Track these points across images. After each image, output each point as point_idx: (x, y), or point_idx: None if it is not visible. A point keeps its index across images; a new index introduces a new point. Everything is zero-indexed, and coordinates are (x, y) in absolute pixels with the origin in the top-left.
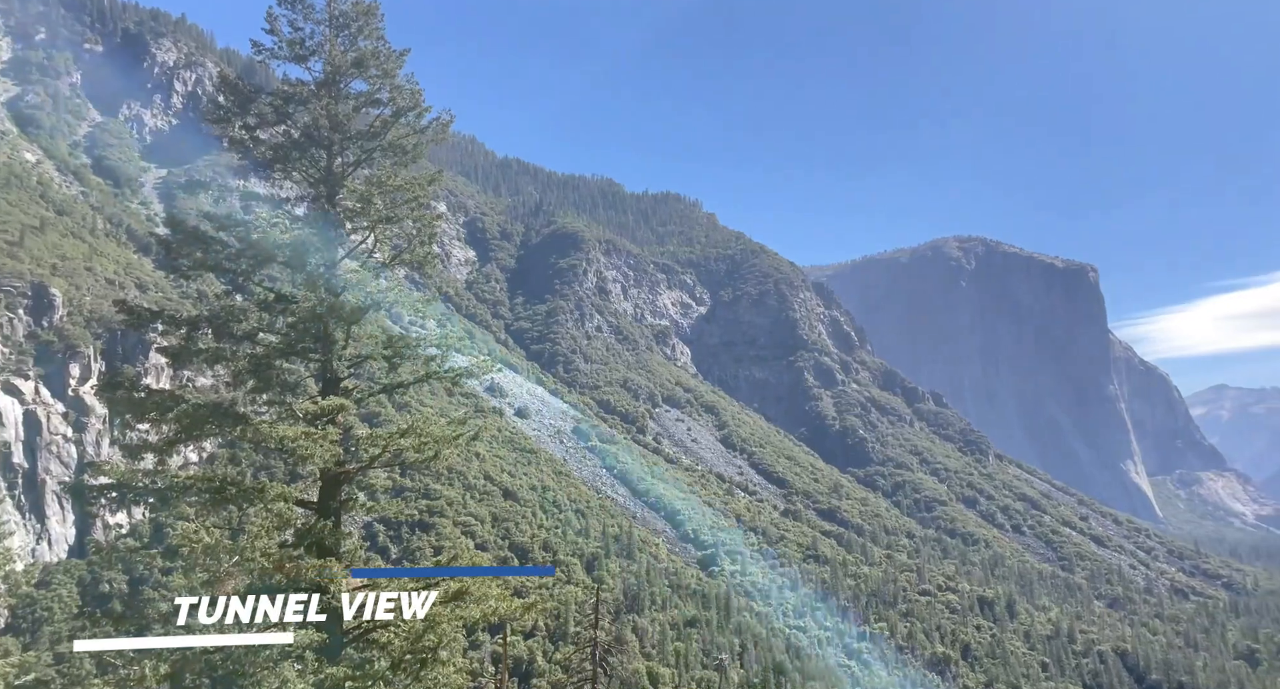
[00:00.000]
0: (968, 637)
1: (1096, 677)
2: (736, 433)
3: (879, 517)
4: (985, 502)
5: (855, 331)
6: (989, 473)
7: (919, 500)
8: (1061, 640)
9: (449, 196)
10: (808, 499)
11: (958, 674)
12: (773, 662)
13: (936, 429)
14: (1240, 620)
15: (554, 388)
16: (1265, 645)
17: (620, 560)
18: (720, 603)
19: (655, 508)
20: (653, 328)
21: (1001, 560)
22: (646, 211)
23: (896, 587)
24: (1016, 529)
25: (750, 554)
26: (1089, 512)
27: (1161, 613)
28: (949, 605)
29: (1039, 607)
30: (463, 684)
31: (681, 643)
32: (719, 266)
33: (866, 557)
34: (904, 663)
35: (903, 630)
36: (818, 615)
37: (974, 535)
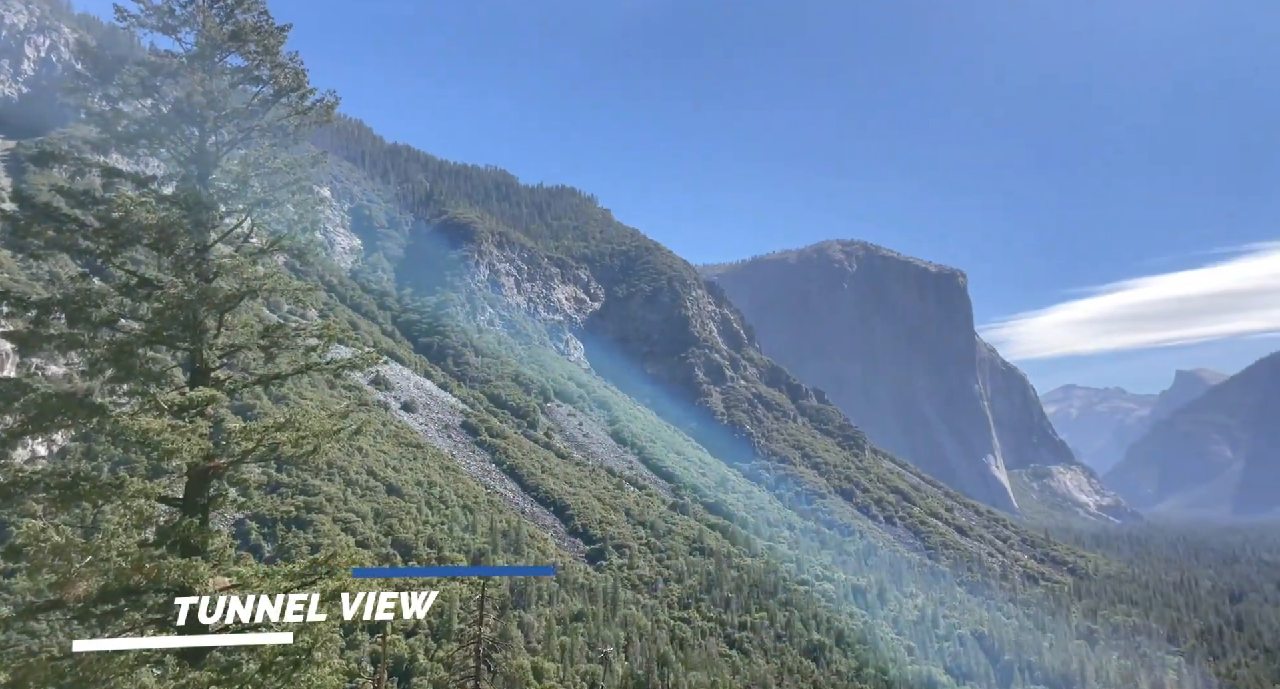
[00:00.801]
0: (842, 624)
1: (956, 658)
2: (627, 428)
3: (763, 509)
4: (861, 494)
5: (745, 330)
6: (865, 467)
7: (800, 493)
8: (927, 625)
9: (334, 182)
10: (695, 493)
11: (831, 660)
12: (657, 654)
13: (818, 425)
14: (1082, 603)
15: (443, 381)
16: (1102, 626)
17: (508, 556)
18: (607, 597)
19: (545, 503)
20: (546, 322)
21: (875, 550)
22: (541, 205)
23: (777, 577)
24: (889, 520)
25: (638, 548)
26: (954, 503)
27: (1015, 597)
28: (825, 594)
29: (907, 593)
30: (339, 685)
31: (567, 637)
32: (614, 262)
33: (749, 548)
34: (781, 651)
35: (781, 619)
36: (702, 607)
37: (850, 527)
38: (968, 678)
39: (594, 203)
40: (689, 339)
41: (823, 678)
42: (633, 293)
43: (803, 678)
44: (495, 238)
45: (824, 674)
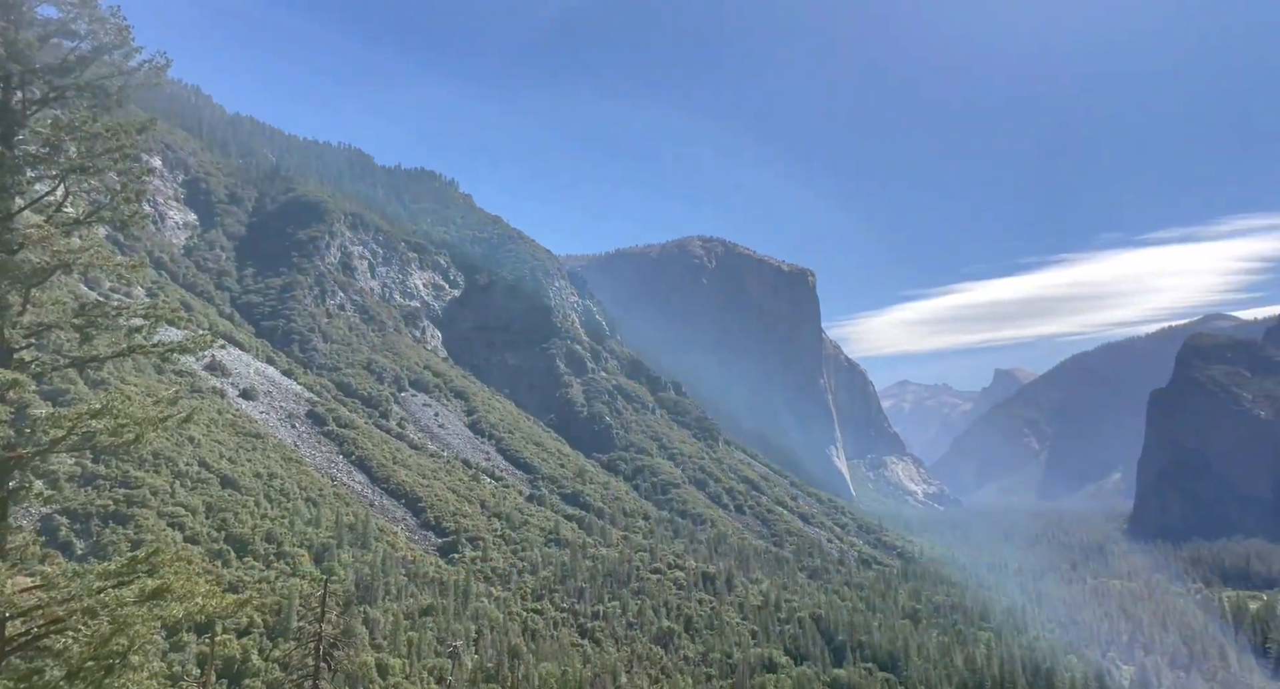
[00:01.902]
0: (691, 610)
1: (796, 640)
2: (486, 419)
3: (619, 500)
4: (714, 484)
5: (607, 321)
6: (718, 458)
7: (656, 483)
8: (770, 609)
9: (166, 151)
10: (553, 484)
11: (679, 646)
12: (508, 646)
13: (676, 416)
14: (909, 584)
15: (287, 368)
16: (924, 605)
17: (354, 550)
18: (459, 590)
19: (396, 495)
20: (402, 308)
21: (724, 538)
22: (399, 187)
23: (630, 566)
24: (739, 509)
25: (493, 540)
26: (799, 492)
27: (850, 581)
28: (676, 582)
29: (753, 579)
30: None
31: (415, 632)
32: (475, 249)
33: (605, 538)
34: (632, 639)
35: (634, 607)
36: (556, 597)
37: (702, 516)
38: (805, 658)
39: (455, 188)
40: (551, 329)
41: (671, 663)
42: (494, 281)
43: (651, 664)
44: (348, 219)
45: (672, 660)
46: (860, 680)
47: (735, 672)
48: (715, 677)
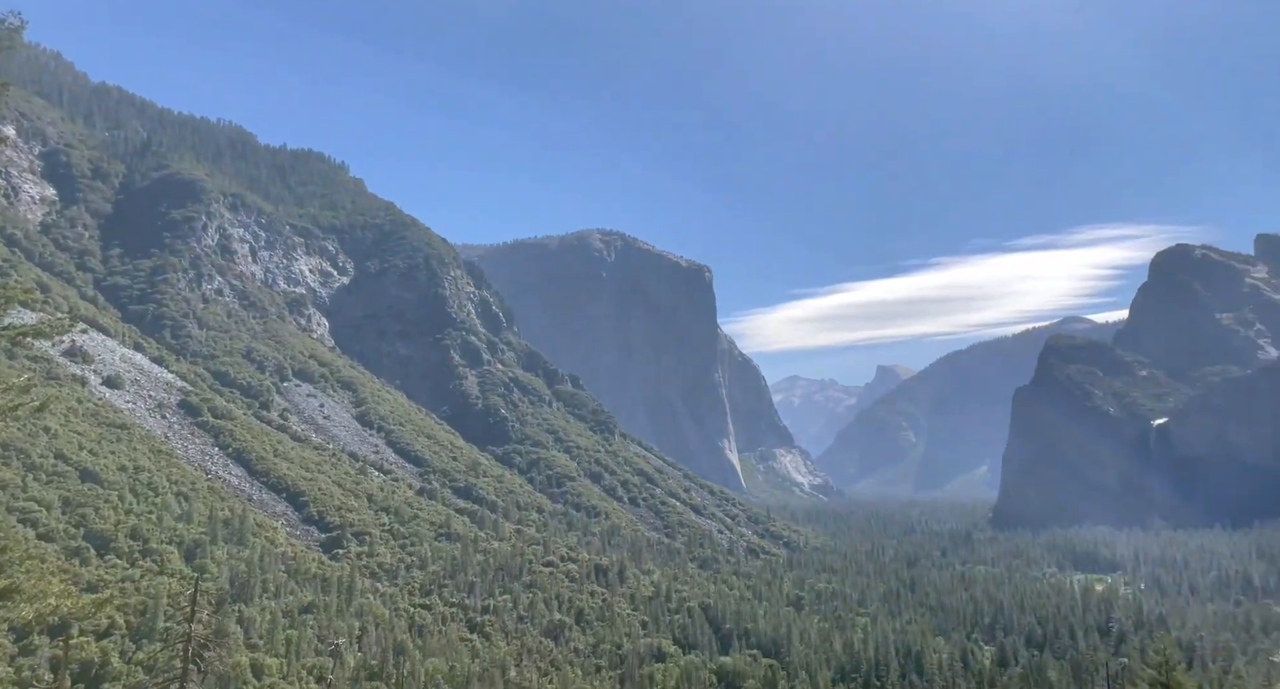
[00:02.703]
0: (583, 602)
1: (684, 629)
2: (375, 410)
3: (513, 493)
4: (609, 477)
5: (504, 313)
6: (614, 450)
7: (552, 476)
8: (661, 600)
9: (21, 119)
10: (445, 477)
11: (570, 638)
12: (394, 642)
13: (572, 409)
14: (793, 573)
15: (158, 355)
16: (808, 593)
17: (229, 547)
18: (342, 586)
19: (276, 489)
20: (286, 295)
21: (618, 530)
22: (284, 168)
23: (523, 559)
24: (633, 501)
25: (380, 535)
26: (692, 484)
27: (739, 570)
28: (569, 574)
29: (645, 571)
30: None
31: (295, 631)
32: (366, 235)
33: (498, 532)
34: (522, 632)
35: (525, 601)
36: (445, 592)
37: (597, 508)
38: (693, 647)
39: (345, 171)
40: (446, 320)
41: (561, 656)
42: (386, 269)
43: (542, 657)
44: (228, 200)
45: (562, 652)
46: (745, 667)
47: (625, 662)
48: (605, 668)
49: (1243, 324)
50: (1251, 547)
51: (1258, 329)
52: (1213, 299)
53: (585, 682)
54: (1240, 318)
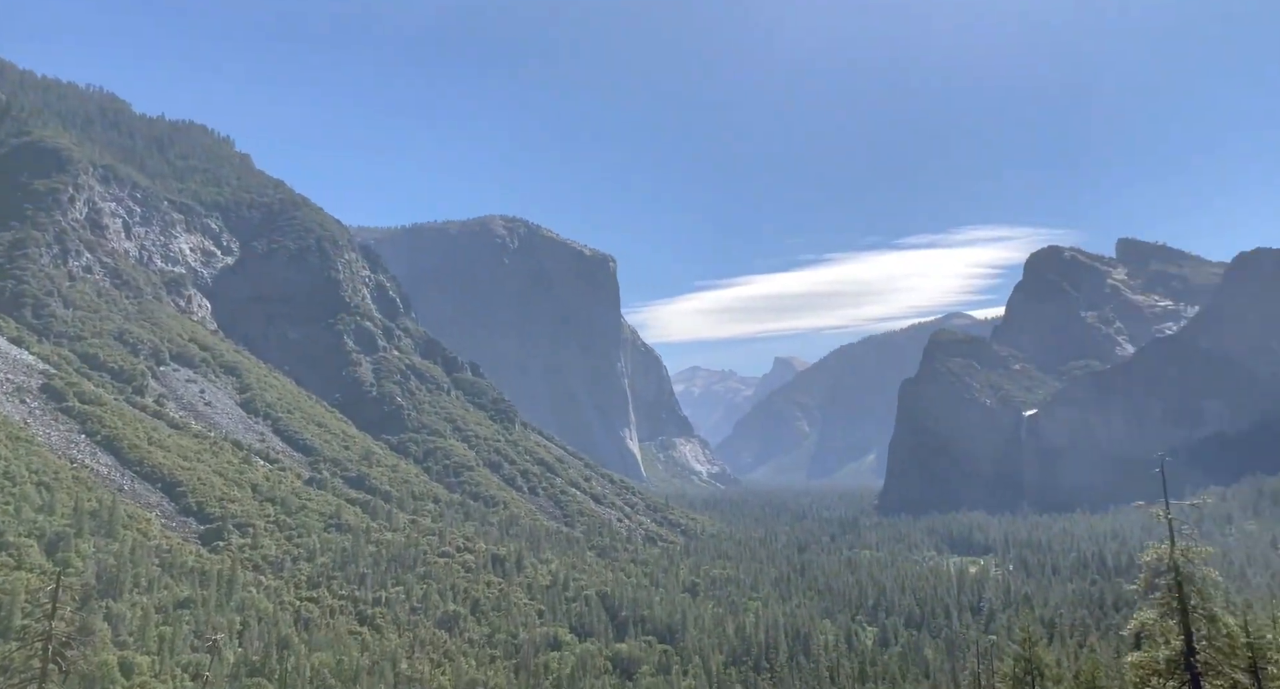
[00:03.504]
0: (479, 593)
1: (581, 617)
2: (261, 397)
3: (409, 483)
4: (509, 466)
5: (401, 298)
6: (515, 440)
7: (449, 466)
8: (558, 588)
9: None
10: (336, 467)
11: (465, 629)
12: (278, 637)
13: (472, 398)
14: (690, 560)
15: (16, 336)
16: (703, 579)
17: (97, 540)
18: (222, 580)
19: (150, 479)
20: (164, 274)
21: (517, 520)
22: (162, 140)
23: (418, 550)
24: (533, 491)
25: (264, 526)
26: (592, 473)
27: (637, 558)
28: (465, 565)
29: (543, 560)
30: None
31: (169, 627)
32: (253, 214)
33: (391, 522)
34: (415, 623)
35: (419, 592)
36: (334, 584)
37: (495, 498)
38: (589, 635)
39: (230, 145)
40: (339, 304)
41: (455, 647)
42: (275, 250)
43: (435, 648)
44: (98, 171)
45: (456, 643)
46: (640, 653)
47: (520, 651)
48: (500, 657)
49: (1104, 322)
50: (1107, 529)
51: (1117, 327)
52: (1079, 298)
53: (479, 672)
54: (1102, 316)
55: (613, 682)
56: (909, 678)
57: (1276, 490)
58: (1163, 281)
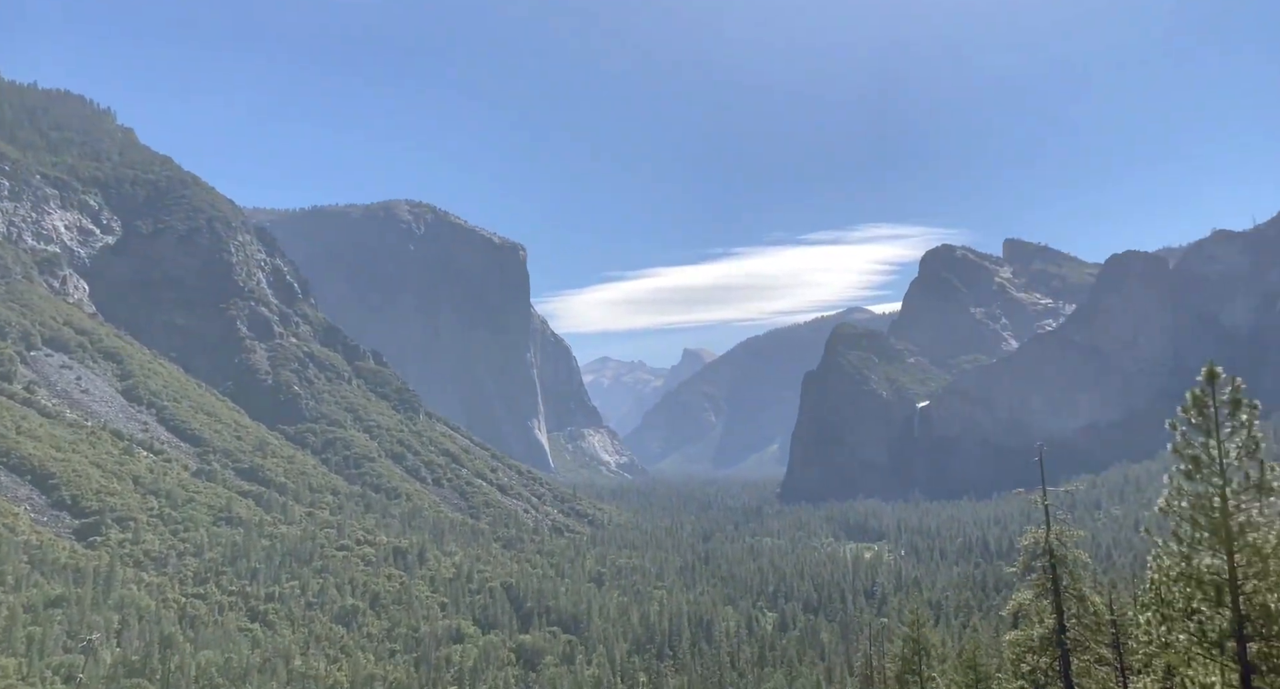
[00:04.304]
0: (379, 586)
1: (485, 609)
2: (145, 385)
3: (306, 475)
4: (412, 457)
5: (299, 283)
6: (419, 430)
7: (349, 457)
8: (462, 581)
9: None
10: (227, 458)
11: (363, 623)
12: (161, 636)
13: (374, 387)
14: (596, 549)
15: None
16: (609, 568)
17: None
18: (99, 577)
19: (18, 471)
20: (35, 253)
21: (420, 512)
22: (34, 110)
23: (315, 544)
24: (437, 482)
25: (147, 520)
26: (499, 464)
27: (543, 549)
28: (365, 558)
29: (447, 552)
30: None
31: (38, 627)
32: (136, 192)
33: (287, 516)
34: (311, 619)
35: (315, 587)
36: (224, 580)
37: (398, 490)
38: (493, 627)
39: (111, 118)
40: (231, 289)
41: (353, 641)
42: (161, 230)
43: (331, 644)
44: None
45: (354, 638)
46: (544, 644)
47: (421, 645)
48: (400, 651)
49: (991, 318)
50: (990, 515)
51: (1003, 323)
52: (969, 295)
53: (378, 667)
54: (989, 313)
55: (516, 673)
56: (806, 661)
57: (1140, 477)
58: (1044, 281)
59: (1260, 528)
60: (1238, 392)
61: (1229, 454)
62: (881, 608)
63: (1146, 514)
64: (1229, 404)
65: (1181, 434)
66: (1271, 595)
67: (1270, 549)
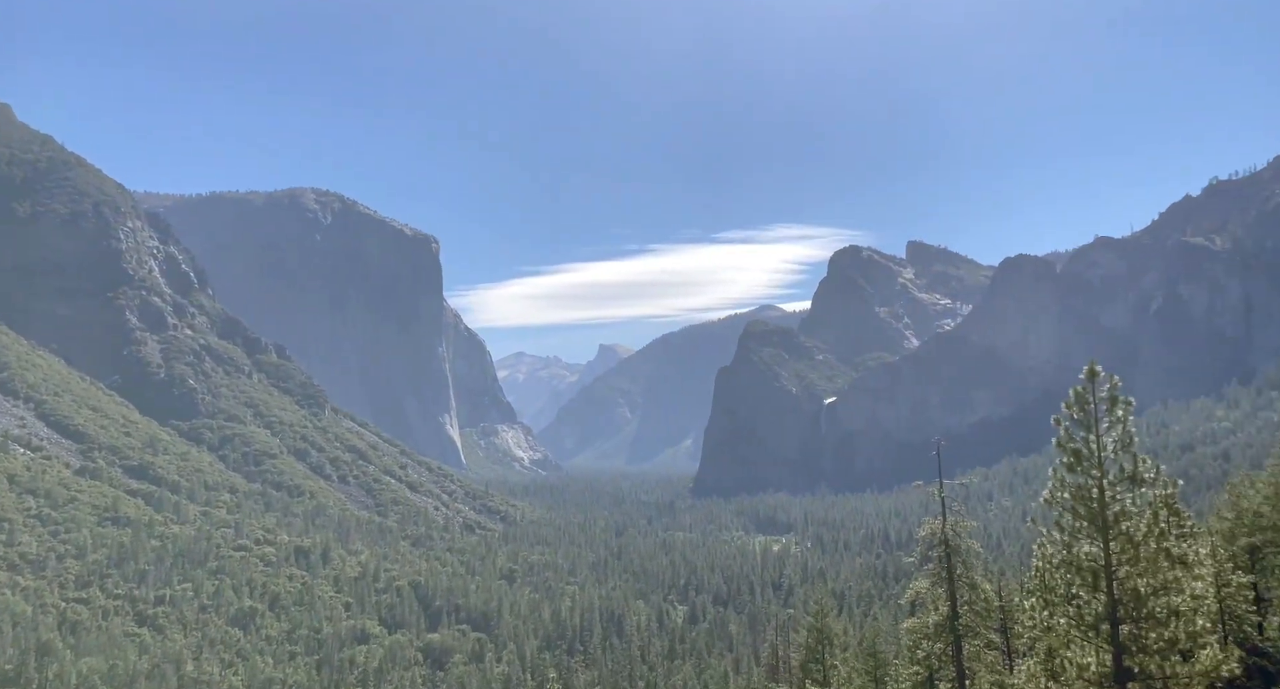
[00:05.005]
0: (279, 587)
1: (392, 609)
2: (21, 377)
3: (201, 472)
4: (316, 454)
5: (196, 272)
6: (324, 426)
7: (249, 454)
8: (368, 580)
9: None
10: (114, 455)
11: (262, 625)
12: (38, 642)
13: (276, 382)
14: (508, 546)
15: None
16: (521, 565)
17: None
18: None
19: None
20: None
21: (324, 510)
22: None
23: (210, 544)
24: (343, 479)
25: (23, 521)
26: (409, 461)
27: (453, 546)
28: (264, 558)
29: (352, 551)
30: None
31: None
32: (14, 172)
33: (179, 515)
34: (205, 622)
35: (210, 588)
36: (109, 583)
37: (301, 487)
38: (400, 626)
39: None
40: (120, 277)
41: (250, 645)
42: (41, 213)
43: (226, 648)
44: None
45: (252, 641)
46: (453, 643)
47: (323, 646)
48: (301, 654)
49: (894, 318)
50: (891, 507)
51: (905, 322)
52: (874, 295)
53: (277, 670)
54: (893, 312)
55: (423, 673)
56: (714, 653)
57: (1029, 470)
58: (943, 282)
59: (1133, 517)
60: (1115, 389)
61: (1106, 448)
62: (788, 599)
63: (1034, 505)
64: (1107, 401)
65: (1065, 429)
66: (1142, 580)
67: (1141, 536)
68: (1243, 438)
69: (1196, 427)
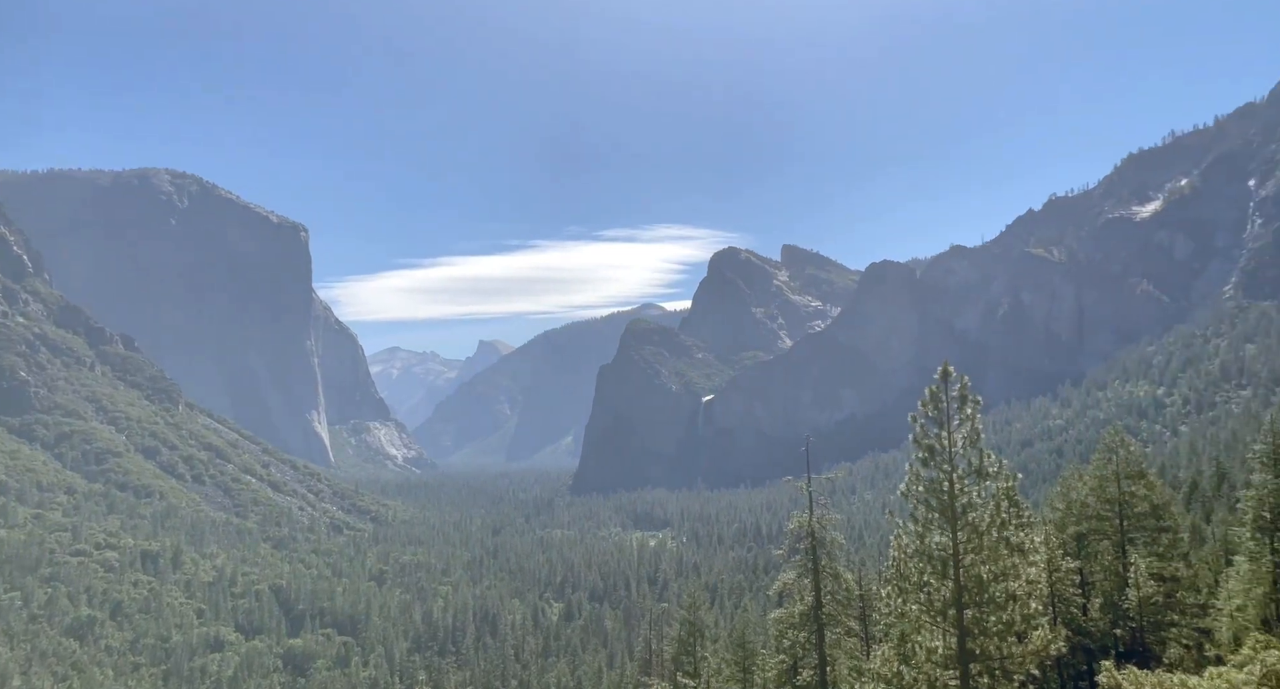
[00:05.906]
0: (122, 594)
1: (250, 614)
2: None
3: (33, 472)
4: (168, 452)
5: (30, 255)
6: (177, 422)
7: (89, 452)
8: (224, 584)
9: None
10: None
11: (102, 635)
12: None
13: (123, 375)
14: (378, 547)
15: None
16: (391, 566)
17: None
18: None
19: None
20: None
21: (176, 511)
22: None
23: (43, 549)
24: (198, 479)
25: None
26: (271, 459)
27: (319, 548)
28: (106, 564)
29: (206, 554)
30: None
31: None
32: None
33: (7, 518)
34: (36, 633)
35: (42, 597)
36: None
37: (149, 487)
38: (259, 632)
39: None
40: None
41: (87, 656)
42: None
43: (60, 660)
44: None
45: (90, 652)
46: (317, 647)
47: (172, 656)
48: (146, 664)
49: (770, 318)
50: (763, 502)
51: (780, 323)
52: (751, 296)
53: (118, 682)
54: (768, 313)
55: (283, 679)
56: (589, 648)
57: (889, 465)
58: (815, 285)
59: (979, 508)
60: (965, 388)
61: (957, 444)
62: (663, 593)
63: (893, 498)
64: (958, 399)
65: (921, 426)
66: (984, 567)
67: (985, 526)
68: (1074, 434)
69: (1035, 424)
